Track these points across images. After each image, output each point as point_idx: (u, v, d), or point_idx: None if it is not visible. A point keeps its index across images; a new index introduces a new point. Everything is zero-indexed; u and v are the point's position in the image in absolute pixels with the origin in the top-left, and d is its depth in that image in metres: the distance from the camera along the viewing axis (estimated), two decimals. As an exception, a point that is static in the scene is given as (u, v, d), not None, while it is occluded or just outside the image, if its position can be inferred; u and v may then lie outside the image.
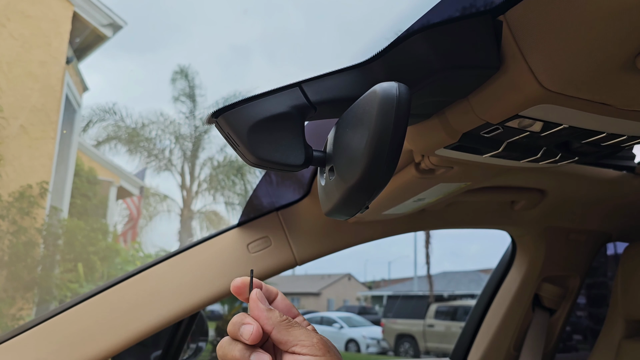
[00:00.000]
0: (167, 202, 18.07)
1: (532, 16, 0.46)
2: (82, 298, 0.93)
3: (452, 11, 0.49)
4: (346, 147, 0.46)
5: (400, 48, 0.51)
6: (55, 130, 8.04)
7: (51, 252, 8.32)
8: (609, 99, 0.51)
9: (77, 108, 9.80)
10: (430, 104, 0.57)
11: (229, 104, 0.48)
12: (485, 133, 0.58)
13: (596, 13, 0.41)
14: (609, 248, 1.64)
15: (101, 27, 9.08)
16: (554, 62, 0.46)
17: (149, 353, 1.06)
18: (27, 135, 7.75)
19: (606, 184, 0.99)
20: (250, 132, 0.47)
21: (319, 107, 0.50)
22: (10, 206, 7.46)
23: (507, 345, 1.42)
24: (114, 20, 9.17)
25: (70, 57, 8.49)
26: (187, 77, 16.55)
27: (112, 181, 11.61)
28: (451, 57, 0.48)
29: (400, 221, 1.08)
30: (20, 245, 7.51)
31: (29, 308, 7.55)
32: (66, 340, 0.89)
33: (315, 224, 1.03)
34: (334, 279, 40.91)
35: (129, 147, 15.79)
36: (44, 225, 8.03)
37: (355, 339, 16.81)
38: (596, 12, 0.41)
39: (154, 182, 27.96)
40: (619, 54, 0.44)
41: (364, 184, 0.44)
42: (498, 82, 0.50)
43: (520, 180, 0.98)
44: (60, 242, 8.55)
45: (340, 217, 0.51)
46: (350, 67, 0.52)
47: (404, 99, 0.42)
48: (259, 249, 1.01)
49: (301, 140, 0.49)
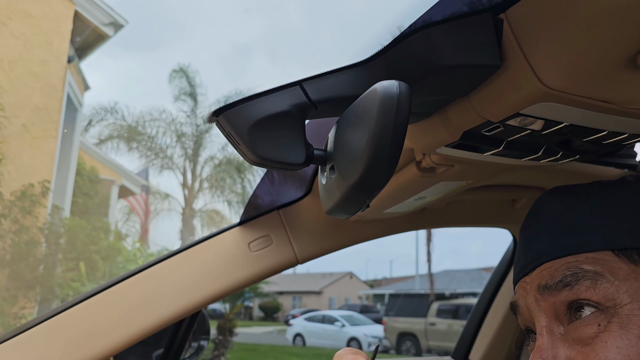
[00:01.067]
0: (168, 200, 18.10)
1: (533, 14, 0.46)
2: (84, 297, 0.94)
3: (452, 9, 0.49)
4: (347, 146, 0.46)
5: (400, 46, 0.51)
6: (56, 129, 8.05)
7: (53, 251, 8.34)
8: (610, 97, 0.50)
9: (78, 107, 9.82)
10: (431, 103, 0.57)
11: (229, 102, 0.48)
12: (486, 131, 0.58)
13: (597, 11, 0.41)
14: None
15: (102, 26, 9.09)
16: (555, 60, 0.46)
17: (150, 352, 1.07)
18: (29, 134, 7.76)
19: (607, 182, 0.98)
20: (251, 130, 0.47)
21: (319, 105, 0.50)
22: (12, 205, 7.48)
23: (508, 343, 1.42)
24: (115, 19, 9.18)
25: (71, 56, 8.50)
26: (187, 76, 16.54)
27: (113, 180, 11.63)
28: (452, 55, 0.48)
29: (401, 220, 1.08)
30: (22, 244, 7.53)
31: (31, 307, 7.57)
32: (68, 339, 0.89)
33: (317, 223, 1.03)
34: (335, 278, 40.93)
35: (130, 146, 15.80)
36: (45, 224, 8.05)
37: (357, 338, 16.83)
38: (597, 10, 0.41)
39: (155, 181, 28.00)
40: (620, 51, 0.44)
41: (365, 183, 0.44)
42: (499, 80, 0.50)
43: (521, 179, 0.98)
44: (62, 241, 8.57)
45: (341, 215, 0.51)
46: (350, 65, 0.52)
47: (405, 97, 0.42)
48: (260, 248, 1.01)
49: (302, 138, 0.50)
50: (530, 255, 0.57)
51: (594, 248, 0.52)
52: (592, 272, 0.50)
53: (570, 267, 0.52)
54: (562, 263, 0.53)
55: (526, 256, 0.57)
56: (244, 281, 0.98)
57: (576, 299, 0.50)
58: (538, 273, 0.55)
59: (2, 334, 0.91)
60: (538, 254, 0.55)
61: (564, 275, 0.51)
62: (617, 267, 0.50)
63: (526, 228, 0.60)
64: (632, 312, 0.47)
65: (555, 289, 0.52)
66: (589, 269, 0.50)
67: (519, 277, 0.58)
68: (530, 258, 0.56)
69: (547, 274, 0.53)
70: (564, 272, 0.52)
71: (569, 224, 0.54)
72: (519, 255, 0.60)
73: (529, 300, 0.55)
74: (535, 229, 0.58)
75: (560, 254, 0.53)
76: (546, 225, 0.57)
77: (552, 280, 0.52)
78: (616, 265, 0.50)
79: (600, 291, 0.49)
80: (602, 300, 0.49)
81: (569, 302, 0.51)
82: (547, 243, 0.55)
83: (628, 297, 0.48)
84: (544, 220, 0.57)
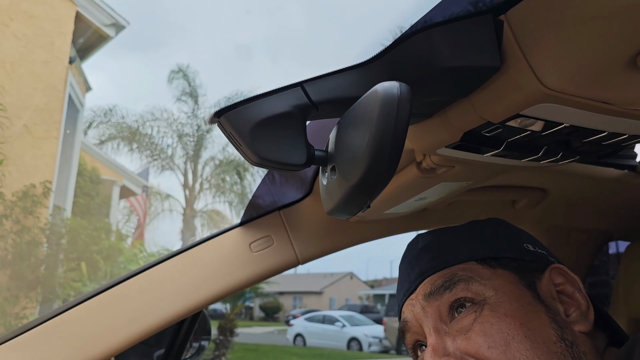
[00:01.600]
0: (169, 201, 18.10)
1: (533, 15, 0.46)
2: (86, 297, 0.94)
3: (453, 11, 0.49)
4: (348, 147, 0.46)
5: (401, 48, 0.51)
6: (58, 130, 8.06)
7: (54, 251, 8.35)
8: (610, 98, 0.51)
9: (80, 108, 9.83)
10: (431, 104, 0.57)
11: (231, 103, 0.49)
12: (486, 132, 0.58)
13: (597, 12, 0.41)
14: (611, 247, 1.64)
15: (104, 26, 9.10)
16: (555, 61, 0.46)
17: (151, 352, 1.07)
18: (31, 134, 7.77)
19: (608, 183, 0.98)
20: (253, 131, 0.48)
21: (320, 106, 0.50)
22: (13, 205, 7.49)
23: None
24: (117, 20, 9.19)
25: (73, 57, 8.51)
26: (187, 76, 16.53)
27: (115, 180, 11.63)
28: (452, 56, 0.49)
29: (401, 220, 1.08)
30: (24, 245, 7.54)
31: (33, 307, 7.58)
32: (69, 339, 0.89)
33: (318, 223, 1.03)
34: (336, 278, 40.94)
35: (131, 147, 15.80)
36: (47, 225, 8.06)
37: (357, 338, 16.83)
38: (597, 11, 0.41)
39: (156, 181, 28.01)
40: (620, 52, 0.44)
41: (366, 183, 0.44)
42: (499, 81, 0.51)
43: (521, 180, 0.98)
44: (64, 241, 8.58)
45: (342, 216, 0.51)
46: (351, 67, 0.52)
47: (405, 98, 0.42)
48: (261, 248, 1.01)
49: (303, 139, 0.50)
50: (413, 275, 0.70)
51: (462, 260, 0.67)
52: (465, 276, 0.65)
53: (447, 275, 0.66)
54: (440, 275, 0.67)
55: (409, 277, 0.71)
56: (244, 281, 0.98)
57: (455, 298, 0.64)
58: (422, 287, 0.68)
59: (4, 334, 0.91)
60: (420, 273, 0.69)
61: (444, 281, 0.65)
62: (482, 272, 0.65)
63: (406, 258, 0.75)
64: (498, 300, 0.62)
65: (438, 293, 0.65)
66: (462, 274, 0.65)
67: (404, 298, 0.71)
68: (414, 277, 0.70)
69: (429, 284, 0.67)
70: (444, 279, 0.66)
71: (442, 246, 0.71)
72: (401, 283, 0.74)
73: (416, 310, 0.67)
74: (415, 255, 0.72)
75: (438, 269, 0.68)
76: (423, 251, 0.71)
77: (435, 286, 0.66)
78: (481, 270, 0.66)
79: (473, 289, 0.63)
80: (475, 296, 0.63)
81: (450, 302, 0.64)
82: (426, 262, 0.69)
83: (493, 291, 0.63)
84: (422, 249, 0.72)
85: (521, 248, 0.70)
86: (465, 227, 0.73)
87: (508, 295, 0.62)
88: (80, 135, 10.01)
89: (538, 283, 0.66)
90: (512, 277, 0.65)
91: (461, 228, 0.73)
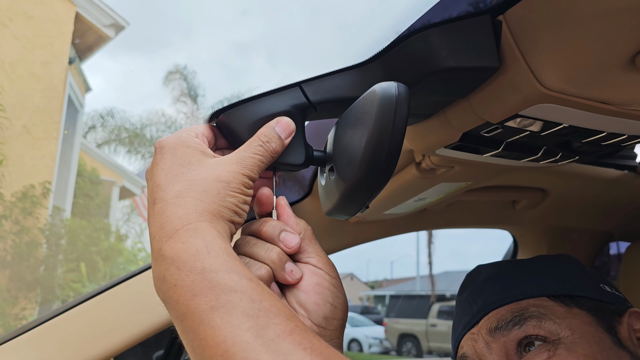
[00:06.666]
0: (169, 201, 18.05)
1: (532, 16, 0.46)
2: (85, 298, 0.94)
3: (451, 11, 0.49)
4: (346, 147, 0.46)
5: (399, 48, 0.51)
6: (57, 131, 8.06)
7: (54, 252, 8.34)
8: (608, 98, 0.51)
9: (79, 108, 9.83)
10: (430, 104, 0.57)
11: (229, 103, 0.48)
12: (485, 133, 0.58)
13: (596, 12, 0.41)
14: (612, 247, 1.64)
15: (103, 27, 9.10)
16: (553, 61, 0.46)
17: (151, 353, 1.07)
18: (30, 135, 7.77)
19: (608, 184, 0.98)
20: (251, 131, 0.48)
21: (319, 107, 0.50)
22: (13, 206, 7.48)
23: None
24: (116, 20, 9.19)
25: (72, 58, 8.51)
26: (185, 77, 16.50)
27: (114, 181, 11.63)
28: (451, 57, 0.48)
29: (401, 221, 1.08)
30: (23, 245, 7.53)
31: (32, 308, 7.58)
32: (69, 340, 0.89)
33: (317, 224, 1.03)
34: (336, 279, 40.80)
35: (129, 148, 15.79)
36: (46, 225, 8.05)
37: (357, 339, 16.81)
38: (596, 12, 0.41)
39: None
40: (618, 53, 0.44)
41: (364, 184, 0.44)
42: (498, 81, 0.51)
43: (521, 180, 0.98)
44: (63, 242, 8.57)
45: (341, 216, 0.51)
46: (350, 67, 0.52)
47: (403, 98, 0.42)
48: (261, 249, 1.01)
49: (301, 140, 0.50)
50: (475, 308, 0.64)
51: (533, 295, 0.61)
52: (537, 313, 0.59)
53: (517, 310, 0.60)
54: (508, 309, 0.61)
55: (471, 310, 0.65)
56: (244, 282, 0.98)
57: (525, 335, 0.58)
58: (486, 320, 0.62)
59: (3, 335, 0.91)
60: (484, 305, 0.63)
61: (514, 316, 0.59)
62: (555, 309, 0.59)
63: (466, 289, 0.69)
64: (575, 340, 0.56)
65: (505, 329, 0.59)
66: (534, 310, 0.59)
67: (464, 332, 0.65)
68: (476, 310, 0.64)
69: (495, 319, 0.61)
70: (513, 314, 0.59)
71: (509, 279, 0.64)
72: (460, 315, 0.67)
73: (479, 345, 0.61)
74: (478, 287, 0.66)
75: (505, 302, 0.62)
76: (488, 283, 0.65)
77: (502, 321, 0.60)
78: (554, 308, 0.60)
79: (546, 327, 0.57)
80: (548, 334, 0.57)
81: (518, 339, 0.58)
82: (491, 295, 0.64)
83: (569, 331, 0.56)
84: (486, 280, 0.66)
85: (598, 288, 0.64)
86: (535, 261, 0.68)
87: (586, 337, 0.56)
88: (80, 136, 10.01)
89: (618, 327, 0.60)
90: (589, 319, 0.59)
91: (529, 262, 0.68)
